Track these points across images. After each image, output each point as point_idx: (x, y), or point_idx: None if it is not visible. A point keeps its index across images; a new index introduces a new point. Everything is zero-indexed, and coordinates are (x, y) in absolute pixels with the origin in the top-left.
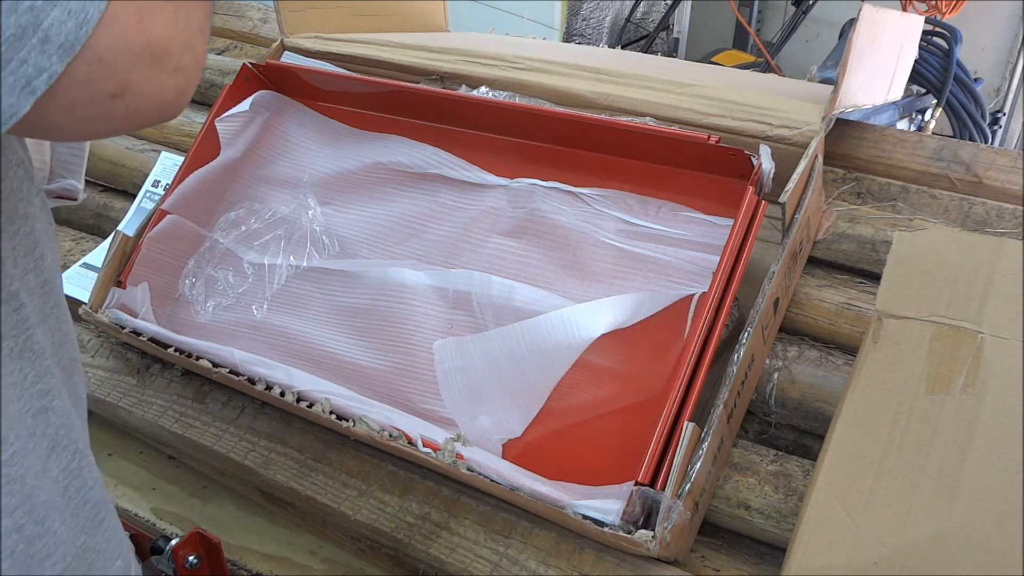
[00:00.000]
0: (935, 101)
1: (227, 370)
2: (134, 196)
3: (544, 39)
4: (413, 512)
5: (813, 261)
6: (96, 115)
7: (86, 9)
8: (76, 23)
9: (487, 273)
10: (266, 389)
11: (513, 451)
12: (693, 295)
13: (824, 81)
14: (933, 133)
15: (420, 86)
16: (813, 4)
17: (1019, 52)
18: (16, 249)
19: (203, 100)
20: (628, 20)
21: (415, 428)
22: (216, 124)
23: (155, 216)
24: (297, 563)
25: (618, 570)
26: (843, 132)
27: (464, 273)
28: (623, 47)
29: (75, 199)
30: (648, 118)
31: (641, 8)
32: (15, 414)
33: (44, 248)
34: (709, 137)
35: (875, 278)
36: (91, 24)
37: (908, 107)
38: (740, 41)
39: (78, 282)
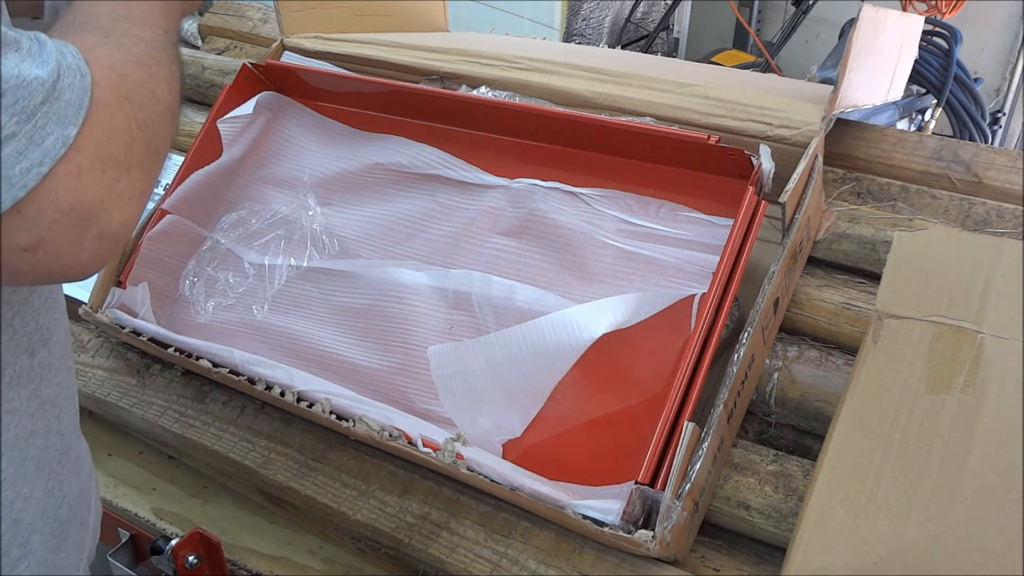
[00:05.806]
0: (935, 101)
1: (227, 370)
2: None
3: (544, 39)
4: (413, 512)
5: (813, 261)
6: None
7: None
8: (23, 167)
9: (487, 273)
10: (266, 389)
11: (513, 451)
12: (694, 295)
13: (824, 81)
14: (933, 133)
15: (420, 86)
16: (813, 4)
17: (1019, 52)
18: None
19: (203, 100)
20: (628, 20)
21: (415, 428)
22: (218, 125)
23: (155, 216)
24: (297, 563)
25: (618, 570)
26: (843, 132)
27: (464, 273)
28: (623, 47)
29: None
30: (648, 118)
31: (641, 8)
32: (11, 440)
33: None
34: (709, 137)
35: (875, 278)
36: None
37: (908, 107)
38: (740, 41)
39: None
